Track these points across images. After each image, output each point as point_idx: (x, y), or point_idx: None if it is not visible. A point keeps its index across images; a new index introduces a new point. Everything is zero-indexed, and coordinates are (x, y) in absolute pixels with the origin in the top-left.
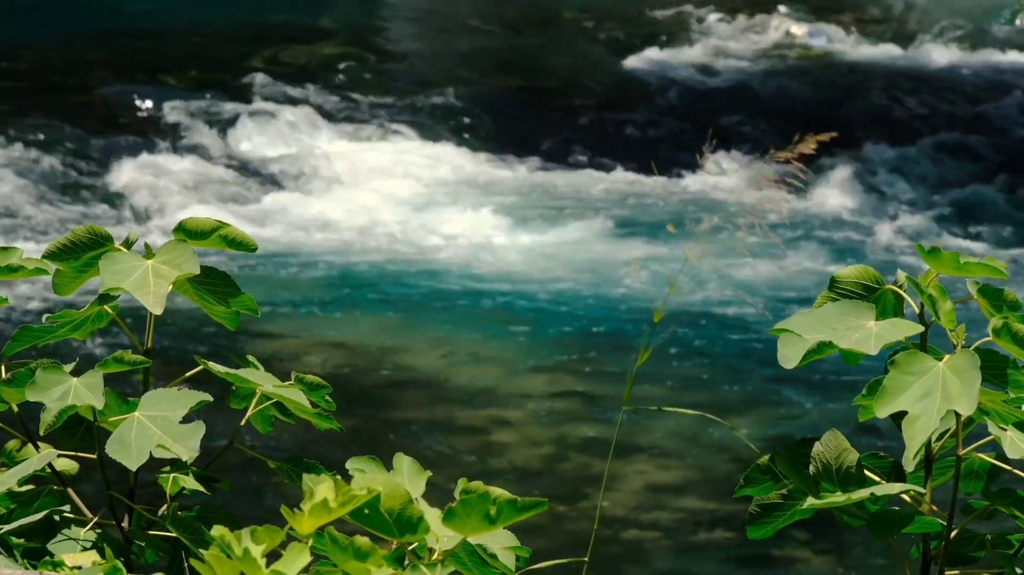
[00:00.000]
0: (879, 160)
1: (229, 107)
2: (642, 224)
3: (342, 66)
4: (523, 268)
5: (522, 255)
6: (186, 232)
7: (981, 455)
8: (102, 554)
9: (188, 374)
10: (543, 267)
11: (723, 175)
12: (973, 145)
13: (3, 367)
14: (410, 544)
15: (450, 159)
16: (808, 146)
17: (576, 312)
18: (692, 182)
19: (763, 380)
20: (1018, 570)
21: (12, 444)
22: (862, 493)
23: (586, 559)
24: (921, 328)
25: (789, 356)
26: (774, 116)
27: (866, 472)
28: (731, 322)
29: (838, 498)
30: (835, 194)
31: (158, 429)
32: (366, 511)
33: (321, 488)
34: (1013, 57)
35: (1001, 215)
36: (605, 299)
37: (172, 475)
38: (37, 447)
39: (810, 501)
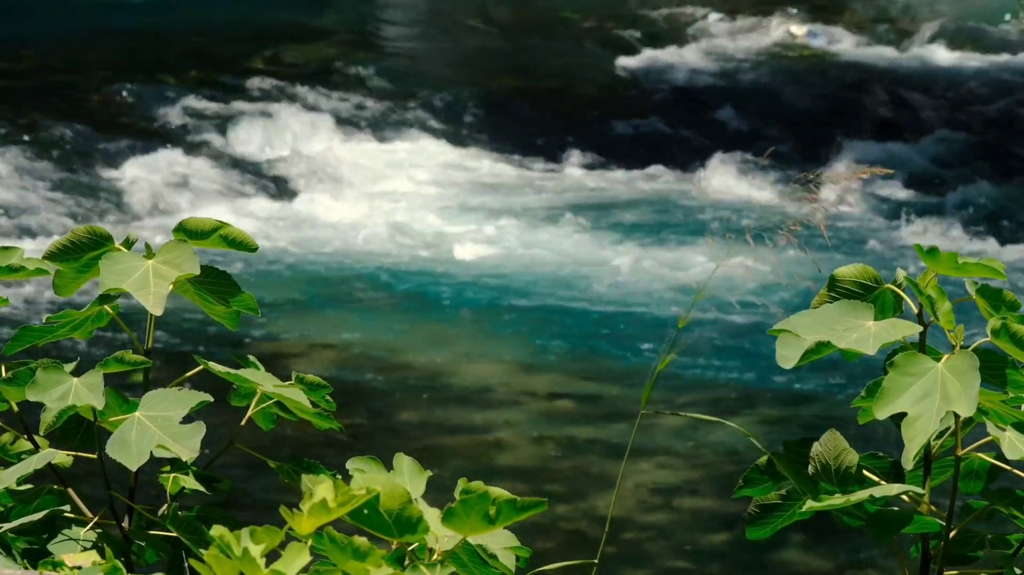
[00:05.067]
0: (878, 160)
1: (229, 107)
2: (642, 224)
3: (342, 66)
4: (522, 268)
5: (521, 255)
6: (186, 232)
7: (980, 455)
8: (102, 554)
9: (188, 374)
10: (542, 267)
11: (723, 176)
12: (974, 145)
13: (3, 366)
14: (410, 544)
15: (450, 159)
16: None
17: (576, 312)
18: (693, 183)
19: (771, 381)
20: (1017, 570)
21: (6, 438)
22: (861, 495)
23: (596, 561)
24: (919, 328)
25: (787, 356)
26: (774, 116)
27: (865, 472)
28: (734, 323)
29: (837, 500)
30: (835, 194)
31: (158, 429)
32: (365, 511)
33: (320, 488)
34: (1014, 57)
35: (1003, 215)
36: (605, 299)
37: (172, 475)
38: (37, 446)
39: (809, 503)
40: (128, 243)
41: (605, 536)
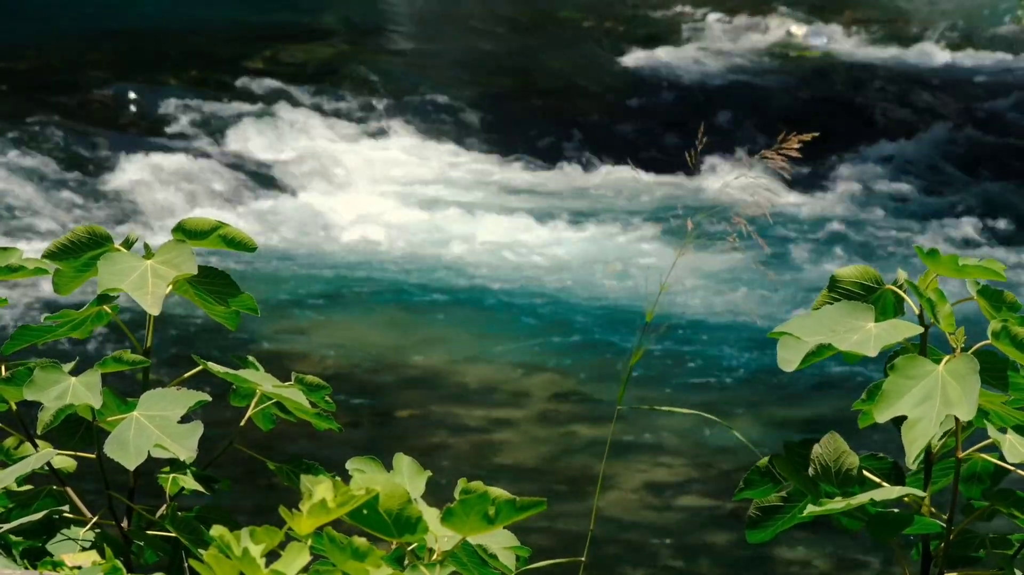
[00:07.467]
0: (879, 160)
1: (229, 107)
2: (642, 224)
3: (342, 66)
4: (523, 268)
5: (522, 254)
6: (185, 232)
7: (982, 455)
8: (102, 554)
9: (187, 374)
10: (543, 267)
11: (723, 174)
12: (974, 145)
13: (3, 366)
14: (409, 544)
15: (450, 159)
16: (791, 146)
17: (576, 311)
18: (694, 182)
19: (764, 381)
20: (1018, 571)
21: (10, 441)
22: (861, 499)
23: (583, 559)
24: (920, 329)
25: (788, 359)
26: (774, 116)
27: (865, 474)
28: (732, 322)
29: (837, 504)
30: (835, 194)
31: (156, 429)
32: (364, 511)
33: (320, 488)
34: (1014, 56)
35: (1003, 215)
36: (606, 299)
37: (171, 475)
38: (36, 447)
39: (810, 508)
40: (128, 243)
41: (590, 535)
